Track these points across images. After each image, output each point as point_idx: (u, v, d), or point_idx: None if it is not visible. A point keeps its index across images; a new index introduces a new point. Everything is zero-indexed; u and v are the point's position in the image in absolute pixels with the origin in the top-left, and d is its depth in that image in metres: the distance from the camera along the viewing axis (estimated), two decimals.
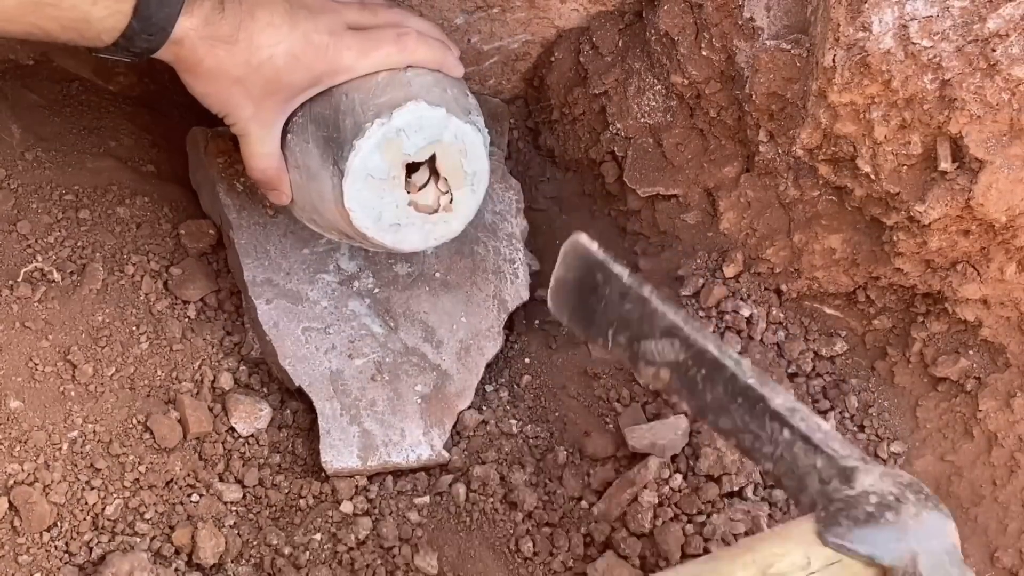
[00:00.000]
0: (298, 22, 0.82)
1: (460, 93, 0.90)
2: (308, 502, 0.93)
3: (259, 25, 0.80)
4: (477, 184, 0.89)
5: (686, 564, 0.71)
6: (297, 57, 0.82)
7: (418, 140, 0.85)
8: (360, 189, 0.86)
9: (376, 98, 0.85)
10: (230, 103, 0.83)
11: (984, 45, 0.75)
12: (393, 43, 0.86)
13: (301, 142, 0.88)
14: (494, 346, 1.02)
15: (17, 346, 0.89)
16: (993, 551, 0.90)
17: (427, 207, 0.90)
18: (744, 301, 0.99)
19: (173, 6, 0.75)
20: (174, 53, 0.79)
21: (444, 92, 0.87)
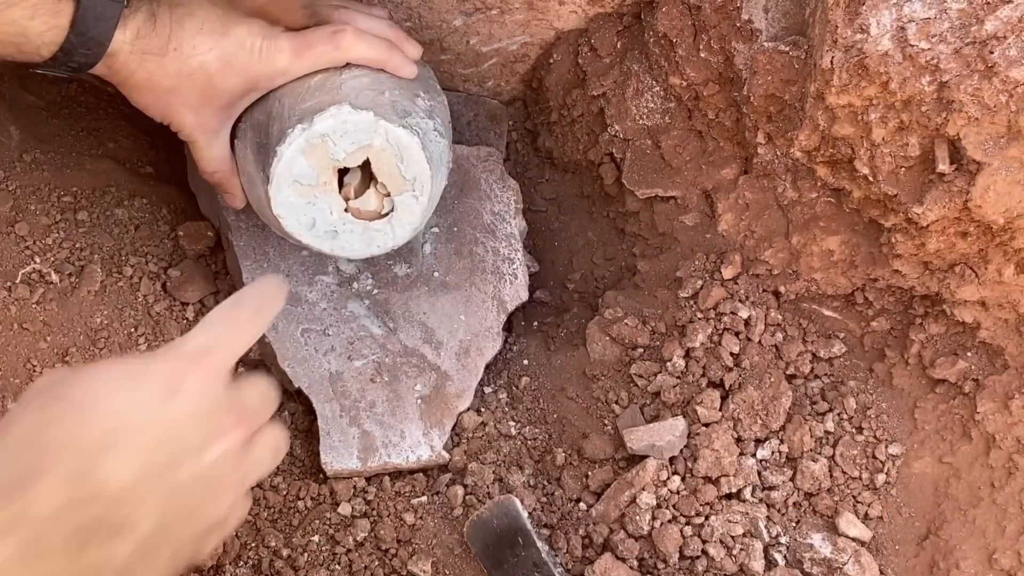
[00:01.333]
0: (230, 28, 0.81)
1: (405, 95, 0.86)
2: (306, 504, 0.93)
3: (189, 33, 0.79)
4: (419, 190, 0.85)
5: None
6: (230, 63, 0.81)
7: (345, 145, 0.82)
8: (288, 195, 0.84)
9: (303, 102, 0.82)
10: (169, 112, 0.83)
11: (982, 47, 0.75)
12: (327, 41, 0.84)
13: (242, 148, 0.88)
14: (493, 347, 1.02)
15: (15, 348, 0.89)
16: (991, 553, 0.90)
17: (369, 213, 0.87)
18: (742, 303, 0.99)
19: (110, 21, 0.75)
20: (108, 67, 0.78)
21: (380, 95, 0.84)
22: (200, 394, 0.49)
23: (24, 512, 0.44)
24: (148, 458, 0.46)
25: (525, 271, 1.05)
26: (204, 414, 0.50)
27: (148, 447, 0.47)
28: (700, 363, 0.98)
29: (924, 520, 0.94)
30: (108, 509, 0.46)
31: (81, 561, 0.45)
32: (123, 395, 0.47)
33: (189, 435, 0.49)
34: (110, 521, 0.46)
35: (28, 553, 0.44)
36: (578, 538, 0.93)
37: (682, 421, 0.94)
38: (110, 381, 0.48)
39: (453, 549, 0.91)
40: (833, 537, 0.92)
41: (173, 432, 0.48)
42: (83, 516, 0.45)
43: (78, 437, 0.46)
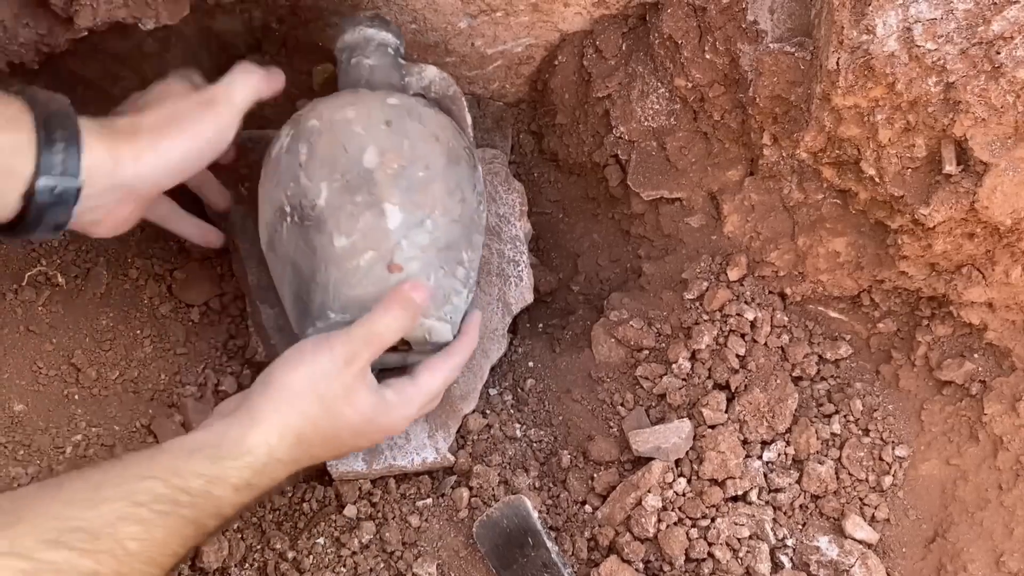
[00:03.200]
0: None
1: (448, 272, 0.85)
2: (312, 506, 0.93)
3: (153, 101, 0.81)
4: (439, 347, 0.88)
5: None
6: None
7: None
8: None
9: (350, 288, 0.82)
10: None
11: (988, 48, 0.75)
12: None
13: (279, 270, 0.88)
14: (498, 349, 1.02)
15: (21, 349, 0.90)
16: (999, 555, 0.90)
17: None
18: (748, 305, 0.99)
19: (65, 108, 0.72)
20: (104, 149, 0.73)
21: (425, 283, 0.84)
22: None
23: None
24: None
25: (530, 273, 1.05)
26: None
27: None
28: (706, 365, 0.98)
29: (931, 522, 0.94)
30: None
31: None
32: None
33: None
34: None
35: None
36: (584, 540, 0.92)
37: (688, 423, 0.94)
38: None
39: (458, 551, 0.91)
40: (840, 539, 0.92)
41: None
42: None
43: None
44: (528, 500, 0.90)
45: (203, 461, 0.68)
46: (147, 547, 0.63)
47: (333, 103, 0.86)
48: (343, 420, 0.77)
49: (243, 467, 0.71)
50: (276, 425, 0.73)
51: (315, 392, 0.75)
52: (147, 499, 0.64)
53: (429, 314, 0.84)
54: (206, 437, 0.71)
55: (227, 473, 0.69)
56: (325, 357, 0.77)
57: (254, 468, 0.71)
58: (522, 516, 0.89)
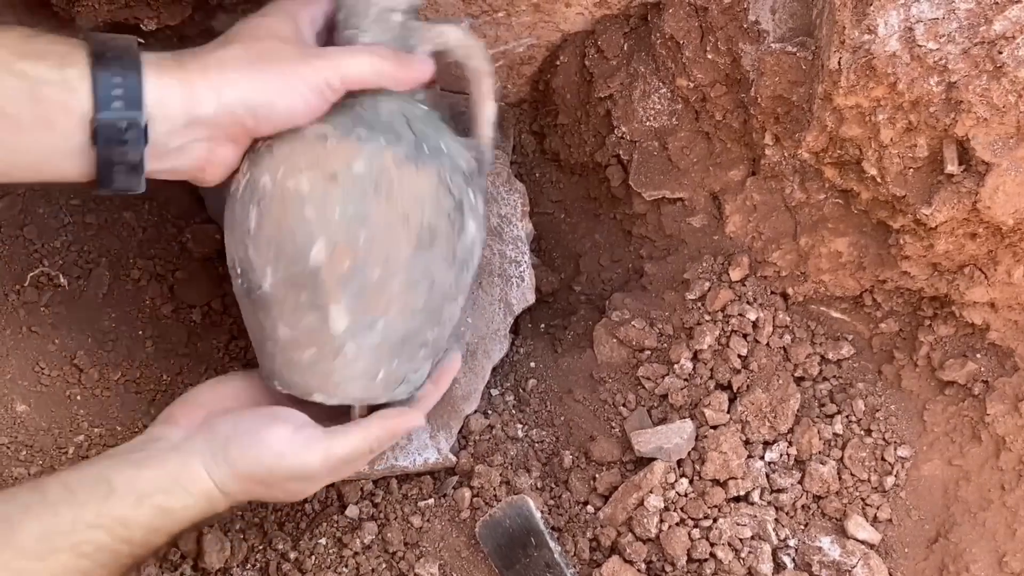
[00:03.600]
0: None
1: (402, 362, 0.80)
2: (314, 507, 0.93)
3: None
4: (411, 389, 0.84)
5: None
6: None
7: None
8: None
9: (292, 374, 0.79)
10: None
11: (990, 47, 0.74)
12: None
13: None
14: (500, 350, 1.02)
15: (24, 350, 0.90)
16: (1002, 556, 0.90)
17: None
18: (750, 305, 0.99)
19: (125, 44, 0.66)
20: (176, 81, 0.67)
21: (373, 379, 0.79)
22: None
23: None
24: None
25: (532, 273, 1.05)
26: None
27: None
28: (708, 365, 0.97)
29: (933, 523, 0.94)
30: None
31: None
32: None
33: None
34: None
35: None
36: (586, 541, 0.92)
37: (690, 423, 0.94)
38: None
39: (460, 552, 0.91)
40: (842, 540, 0.92)
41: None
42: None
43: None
44: (531, 500, 0.90)
45: (150, 512, 0.70)
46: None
47: (290, 160, 0.72)
48: (284, 498, 0.81)
49: (188, 518, 0.72)
50: (220, 489, 0.73)
51: (267, 485, 0.75)
52: (91, 550, 0.67)
53: (378, 398, 0.80)
54: (157, 481, 0.71)
55: (171, 524, 0.72)
56: (293, 464, 0.74)
57: (193, 518, 0.73)
58: (525, 516, 0.89)
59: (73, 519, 0.66)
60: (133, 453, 0.72)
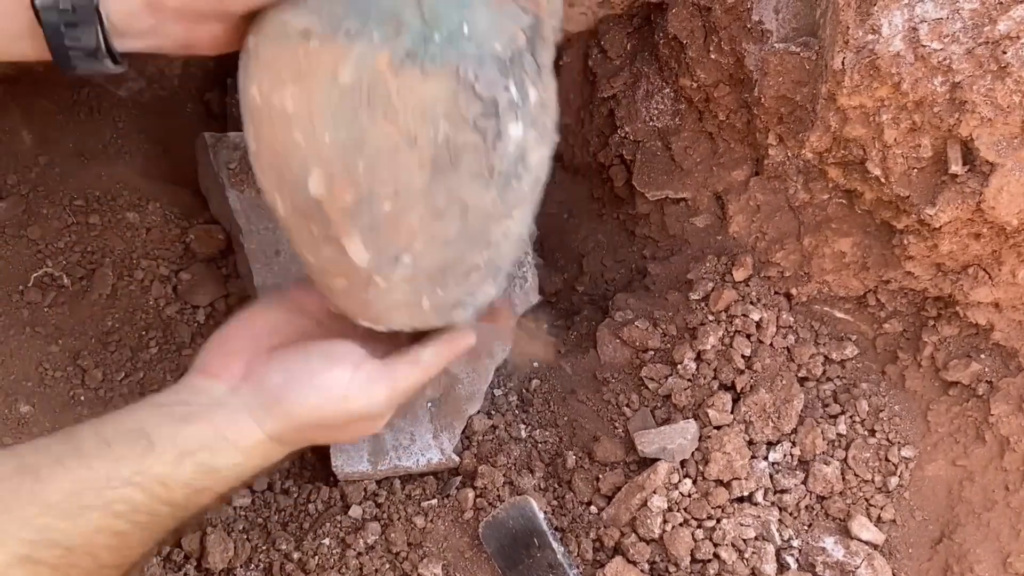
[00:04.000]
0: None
1: (450, 289, 0.69)
2: (317, 507, 0.93)
3: None
4: (467, 313, 0.74)
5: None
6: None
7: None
8: None
9: (331, 299, 0.71)
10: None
11: (994, 47, 0.74)
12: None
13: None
14: (504, 350, 1.02)
15: (27, 351, 0.90)
16: (1006, 556, 0.89)
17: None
18: (754, 305, 0.99)
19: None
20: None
21: (418, 306, 0.69)
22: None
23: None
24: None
25: (535, 274, 1.05)
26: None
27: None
28: (711, 366, 0.97)
29: (938, 523, 0.93)
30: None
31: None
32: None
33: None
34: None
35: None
36: (589, 541, 0.92)
37: (693, 424, 0.94)
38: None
39: (464, 552, 0.91)
40: (846, 540, 0.91)
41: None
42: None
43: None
44: (534, 501, 0.90)
45: (194, 471, 0.64)
46: (119, 554, 0.62)
47: (273, 67, 0.60)
48: (335, 438, 0.77)
49: (234, 476, 0.67)
50: (275, 441, 0.68)
51: (328, 427, 0.70)
52: (127, 509, 0.61)
53: (432, 324, 0.70)
54: (202, 438, 0.65)
55: (217, 483, 0.66)
56: (359, 405, 0.69)
57: (244, 475, 0.67)
58: (528, 517, 0.89)
59: (108, 475, 0.61)
60: (175, 406, 0.66)
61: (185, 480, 0.63)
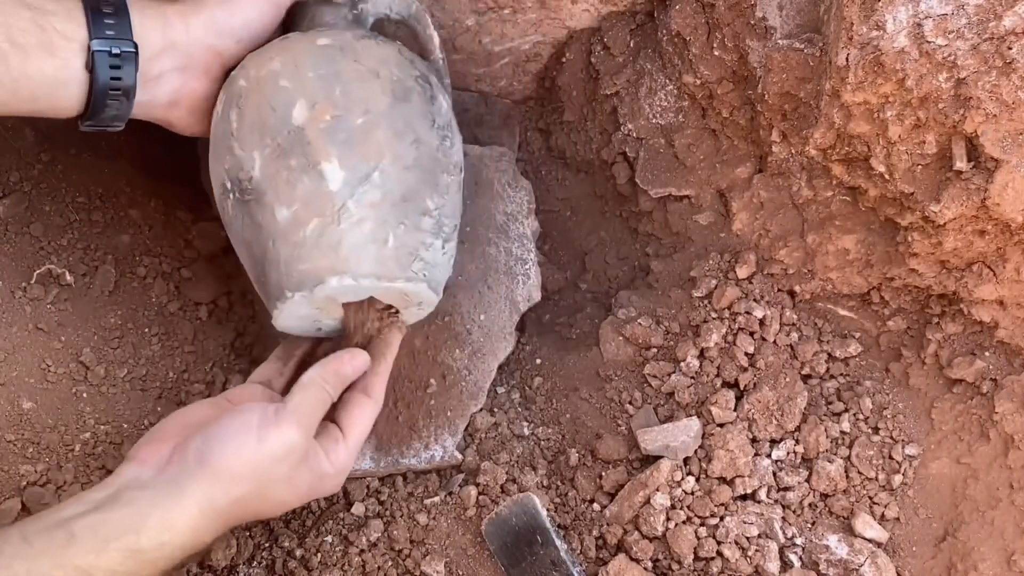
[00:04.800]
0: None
1: (410, 225, 0.78)
2: (320, 504, 0.93)
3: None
4: (425, 306, 0.84)
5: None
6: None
7: (349, 296, 0.79)
8: (291, 322, 0.82)
9: (300, 261, 0.76)
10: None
11: (1000, 43, 0.74)
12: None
13: (237, 226, 0.81)
14: (506, 347, 1.01)
15: (30, 347, 0.90)
16: (1010, 554, 0.89)
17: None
18: (757, 302, 0.99)
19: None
20: (158, 13, 0.77)
21: (384, 245, 0.76)
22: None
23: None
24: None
25: (538, 271, 1.05)
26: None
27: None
28: (714, 363, 0.97)
29: (941, 521, 0.93)
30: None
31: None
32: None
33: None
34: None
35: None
36: (592, 539, 0.92)
37: (696, 421, 0.94)
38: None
39: (466, 549, 0.91)
40: (849, 538, 0.91)
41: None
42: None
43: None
44: (536, 498, 0.90)
45: (118, 555, 0.63)
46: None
47: (259, 57, 0.79)
48: (277, 500, 0.73)
49: (164, 557, 0.66)
50: (205, 511, 0.68)
51: (255, 476, 0.70)
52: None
53: (395, 276, 0.77)
54: (126, 521, 0.65)
55: (144, 568, 0.65)
56: (277, 438, 0.70)
57: (175, 557, 0.67)
58: (531, 514, 0.89)
59: (28, 572, 0.61)
60: (98, 494, 0.67)
61: (109, 567, 0.63)
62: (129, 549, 0.64)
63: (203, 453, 0.69)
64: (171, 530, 0.66)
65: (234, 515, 0.70)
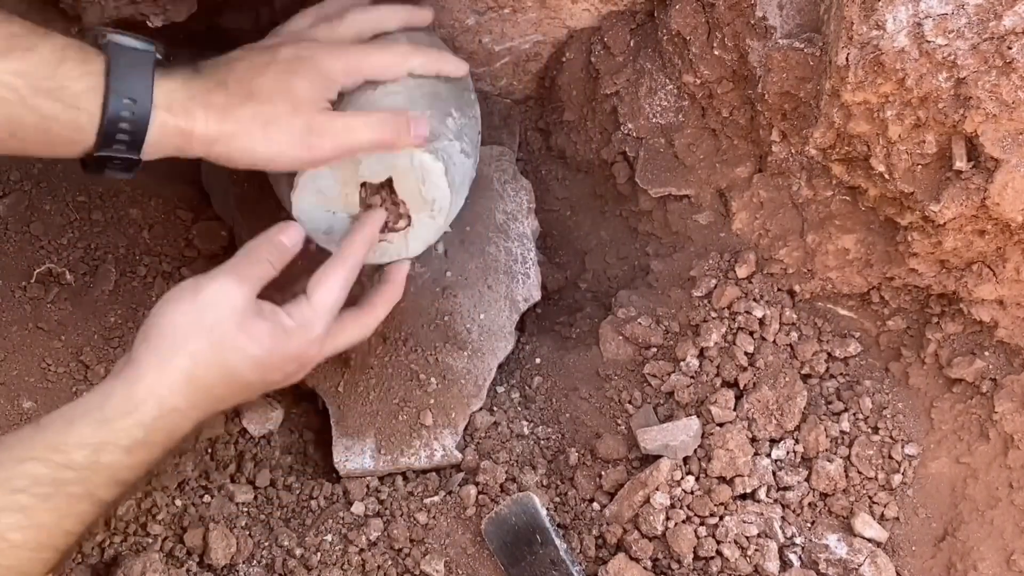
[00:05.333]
0: (276, 48, 0.80)
1: (437, 115, 0.85)
2: (320, 503, 0.94)
3: (239, 69, 0.76)
4: (437, 211, 0.85)
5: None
6: (295, 64, 0.79)
7: (372, 164, 0.81)
8: (310, 202, 0.83)
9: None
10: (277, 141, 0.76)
11: (1000, 43, 0.74)
12: (387, 50, 0.84)
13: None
14: (506, 347, 1.02)
15: (30, 347, 0.90)
16: (1010, 554, 0.89)
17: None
18: (757, 302, 0.99)
19: (144, 65, 0.70)
20: (177, 129, 0.72)
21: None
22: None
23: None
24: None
25: (538, 270, 1.05)
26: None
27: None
28: (714, 363, 0.97)
29: (941, 521, 0.93)
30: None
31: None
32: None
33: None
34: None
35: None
36: (591, 538, 0.92)
37: (696, 421, 0.94)
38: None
39: (466, 548, 0.91)
40: (849, 538, 0.91)
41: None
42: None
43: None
44: (536, 497, 0.90)
45: (86, 428, 0.64)
46: (33, 534, 0.61)
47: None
48: (240, 353, 0.70)
49: (132, 425, 0.65)
50: (163, 372, 0.67)
51: (201, 327, 0.69)
52: (26, 484, 0.61)
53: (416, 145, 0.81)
54: (88, 401, 0.66)
55: (115, 436, 0.65)
56: (211, 287, 0.70)
57: (145, 424, 0.66)
58: (530, 513, 0.89)
59: (0, 461, 0.62)
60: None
61: (78, 440, 0.64)
62: (95, 420, 0.65)
63: (149, 328, 0.70)
64: (133, 398, 0.66)
65: (202, 380, 0.69)
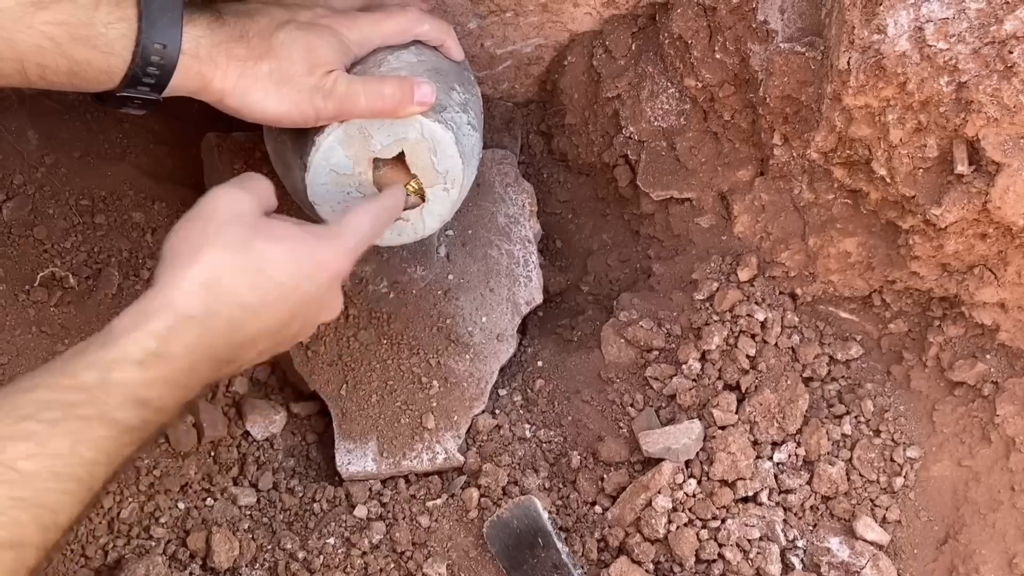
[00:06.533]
0: (296, 10, 0.80)
1: (441, 88, 0.84)
2: (322, 506, 0.94)
3: (260, 22, 0.77)
4: (451, 183, 0.85)
5: None
6: (314, 25, 0.80)
7: (382, 137, 0.81)
8: (324, 183, 0.83)
9: None
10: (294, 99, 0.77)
11: (1001, 47, 0.74)
12: (401, 15, 0.84)
13: (278, 134, 0.86)
14: (508, 349, 1.02)
15: (34, 350, 0.90)
16: (1012, 557, 0.89)
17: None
18: (758, 305, 0.99)
19: (173, 8, 0.71)
20: (199, 75, 0.73)
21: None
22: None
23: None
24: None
25: (540, 273, 1.05)
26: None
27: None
28: (716, 366, 0.97)
29: (943, 524, 0.93)
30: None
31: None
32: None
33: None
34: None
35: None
36: (593, 541, 0.92)
37: (698, 424, 0.94)
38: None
39: (468, 551, 0.91)
40: (851, 541, 0.91)
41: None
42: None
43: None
44: (538, 500, 0.90)
45: (95, 350, 0.60)
46: (47, 463, 0.56)
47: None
48: (264, 256, 0.66)
49: (144, 336, 0.60)
50: (176, 281, 0.63)
51: (215, 232, 0.65)
52: (33, 410, 0.57)
53: (426, 112, 0.81)
54: (93, 340, 0.62)
55: (126, 351, 0.60)
56: (209, 197, 0.67)
57: (157, 333, 0.61)
58: (532, 517, 0.89)
59: (8, 395, 0.58)
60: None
61: (88, 361, 0.60)
62: (104, 341, 0.60)
63: (163, 251, 0.66)
64: (145, 311, 0.62)
65: (223, 285, 0.64)
